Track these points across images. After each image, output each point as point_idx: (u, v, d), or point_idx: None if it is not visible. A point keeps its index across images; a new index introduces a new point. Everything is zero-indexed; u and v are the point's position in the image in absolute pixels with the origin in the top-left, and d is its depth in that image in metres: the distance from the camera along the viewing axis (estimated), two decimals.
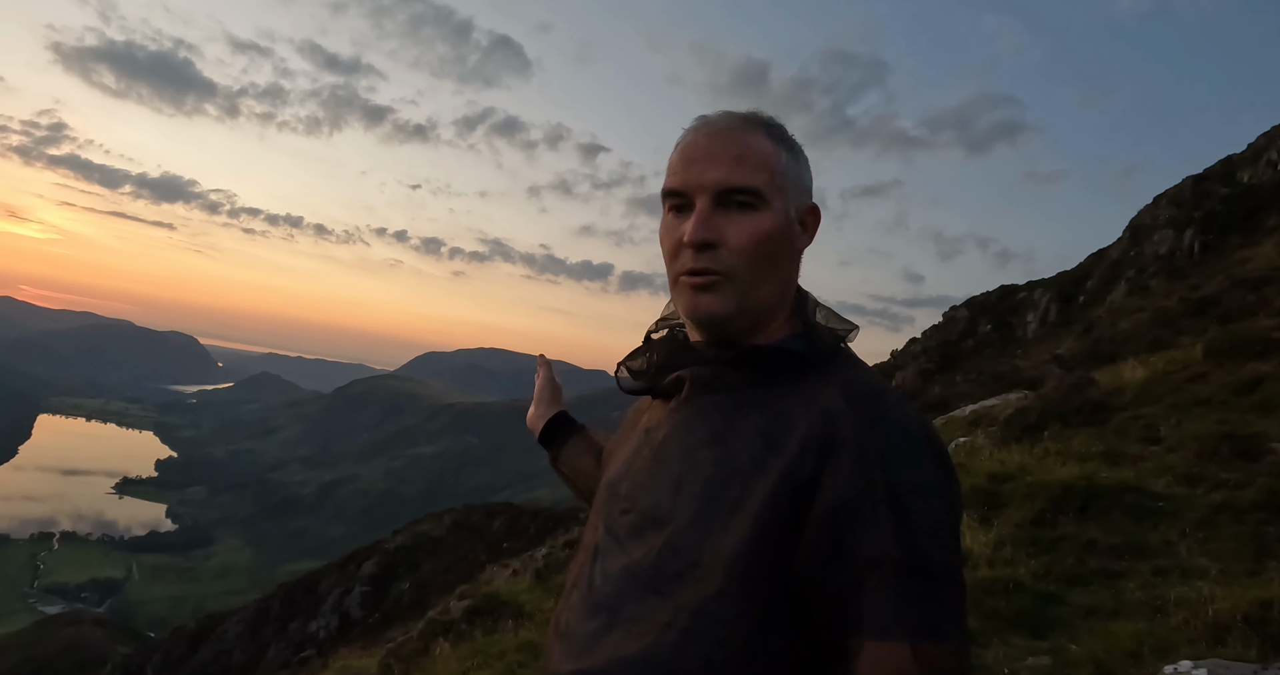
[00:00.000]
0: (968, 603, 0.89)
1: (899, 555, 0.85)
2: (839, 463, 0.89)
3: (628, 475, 1.08)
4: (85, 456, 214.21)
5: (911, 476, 0.88)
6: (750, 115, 1.06)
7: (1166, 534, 4.74)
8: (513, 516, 36.61)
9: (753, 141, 1.03)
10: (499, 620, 6.68)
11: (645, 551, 0.97)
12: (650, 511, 1.00)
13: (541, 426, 1.55)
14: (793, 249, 1.05)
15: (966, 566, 4.86)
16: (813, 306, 1.08)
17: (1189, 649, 3.36)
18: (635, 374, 1.16)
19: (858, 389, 0.96)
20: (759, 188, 1.01)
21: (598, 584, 1.02)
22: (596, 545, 1.06)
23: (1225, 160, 26.58)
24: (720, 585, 0.90)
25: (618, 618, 0.96)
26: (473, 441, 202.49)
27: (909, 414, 0.94)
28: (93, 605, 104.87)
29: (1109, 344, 13.05)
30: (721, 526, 0.92)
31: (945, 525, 0.88)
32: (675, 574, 0.93)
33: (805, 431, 0.92)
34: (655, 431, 1.08)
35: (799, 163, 1.07)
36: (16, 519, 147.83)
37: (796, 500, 0.89)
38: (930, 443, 0.93)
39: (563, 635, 1.04)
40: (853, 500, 0.87)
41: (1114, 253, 26.80)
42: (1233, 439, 5.71)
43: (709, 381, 1.04)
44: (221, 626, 36.34)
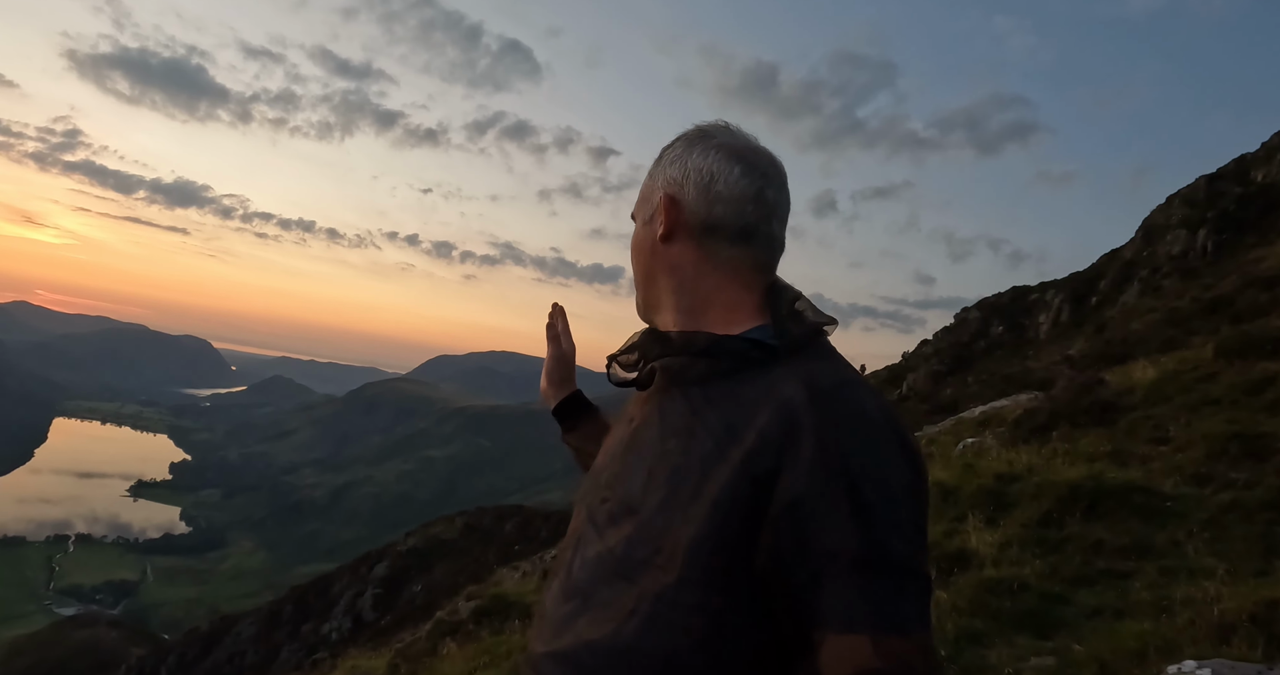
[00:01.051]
0: (931, 596, 0.89)
1: (858, 548, 0.85)
2: (798, 454, 0.89)
3: (608, 464, 1.11)
4: (100, 459, 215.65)
5: (872, 467, 0.88)
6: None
7: (1174, 534, 4.71)
8: (524, 519, 36.67)
9: (651, 173, 1.16)
10: (506, 620, 6.70)
11: (618, 539, 0.99)
12: (625, 500, 1.02)
13: (555, 404, 1.57)
14: (652, 247, 1.12)
15: (972, 567, 4.85)
16: (791, 299, 1.08)
17: (1194, 649, 3.34)
18: (625, 367, 1.18)
19: (819, 379, 0.95)
20: (634, 214, 1.18)
21: (575, 570, 1.04)
22: (578, 532, 1.09)
23: (1239, 159, 26.36)
24: (681, 573, 0.91)
25: (589, 603, 0.99)
26: (484, 444, 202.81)
27: (872, 403, 0.94)
28: (108, 607, 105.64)
29: (1120, 344, 12.97)
30: (683, 515, 0.93)
31: (907, 517, 0.88)
32: (641, 561, 0.95)
33: (764, 422, 0.93)
34: (634, 422, 1.11)
35: (665, 161, 1.13)
36: (33, 521, 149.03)
37: (756, 491, 0.90)
38: (893, 432, 0.92)
39: (541, 618, 1.07)
40: (812, 493, 0.87)
41: (1127, 253, 26.62)
42: (1242, 438, 5.67)
43: (679, 372, 1.05)
44: (235, 628, 36.50)
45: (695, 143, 1.10)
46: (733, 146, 1.09)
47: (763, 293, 1.09)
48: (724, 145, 1.09)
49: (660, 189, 1.11)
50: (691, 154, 1.09)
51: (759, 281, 1.09)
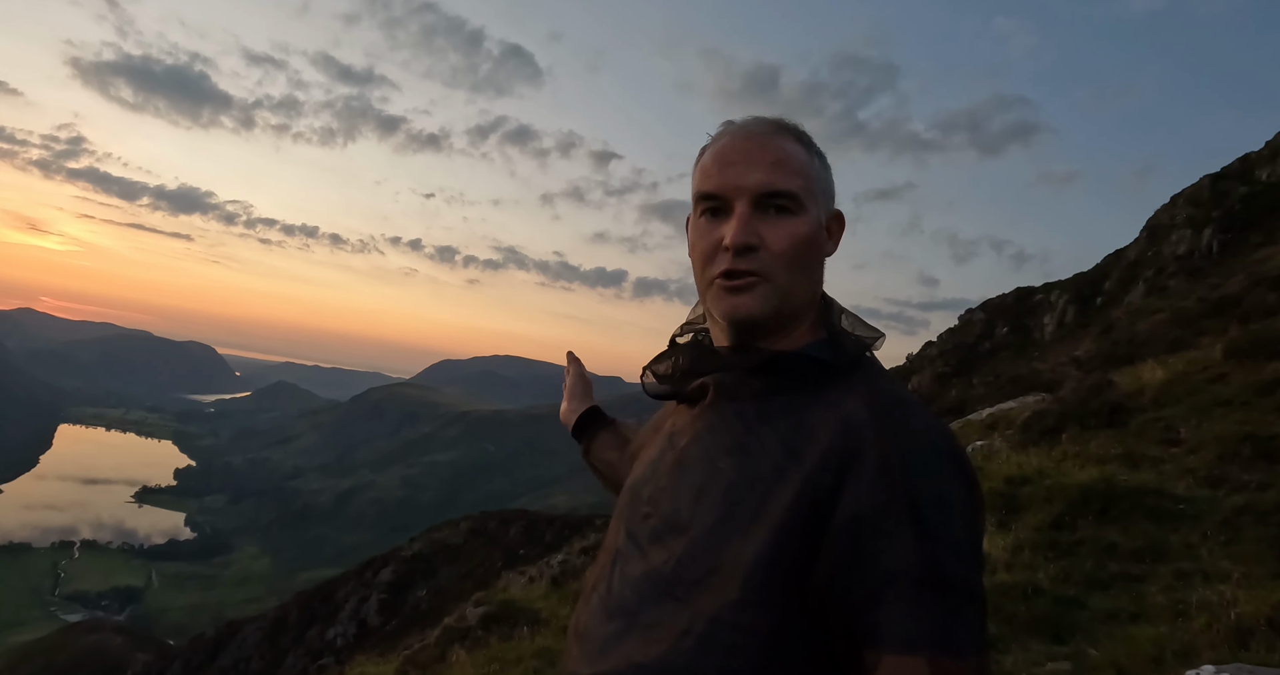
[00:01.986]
0: (987, 618, 0.88)
1: (919, 569, 0.84)
2: (860, 474, 0.88)
3: (650, 480, 1.08)
4: (105, 465, 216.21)
5: (933, 489, 0.87)
6: (780, 121, 1.07)
7: (1188, 537, 4.68)
8: (529, 523, 36.66)
9: (788, 147, 1.03)
10: (515, 627, 6.67)
11: (665, 557, 0.97)
12: (671, 517, 1.00)
13: (574, 420, 1.57)
14: (822, 254, 1.06)
15: (985, 571, 4.83)
16: (838, 313, 1.07)
17: (1211, 653, 3.32)
18: (660, 378, 1.15)
19: (881, 399, 0.95)
20: (797, 193, 1.01)
21: (617, 588, 1.02)
22: (617, 549, 1.06)
23: (1243, 158, 26.27)
24: (738, 594, 0.89)
25: (636, 622, 0.96)
26: (489, 449, 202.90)
27: (932, 425, 0.93)
28: (113, 613, 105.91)
29: (1127, 345, 12.92)
30: (741, 535, 0.91)
31: (967, 539, 0.87)
32: (694, 581, 0.93)
33: (827, 441, 0.92)
34: (679, 437, 1.08)
35: (826, 170, 1.08)
36: (38, 528, 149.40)
37: (817, 511, 0.89)
38: (953, 454, 0.92)
39: (581, 637, 1.04)
40: (873, 512, 0.86)
41: (1131, 253, 26.55)
42: (1254, 440, 5.63)
43: (733, 388, 1.03)
44: (240, 634, 36.52)
45: (826, 161, 1.09)
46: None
47: (819, 308, 1.08)
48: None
49: (830, 200, 1.08)
50: (829, 172, 1.09)
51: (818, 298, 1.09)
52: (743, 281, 1.00)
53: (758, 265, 0.99)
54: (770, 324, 1.02)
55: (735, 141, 1.04)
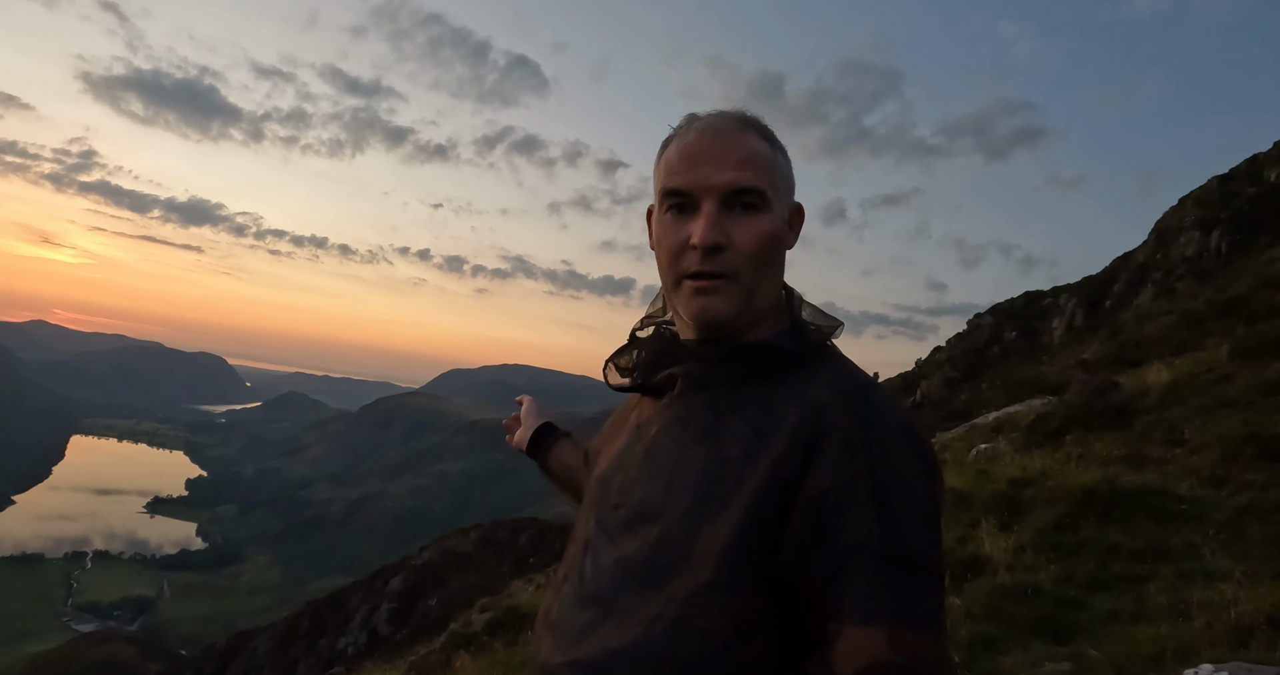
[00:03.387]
0: (944, 594, 0.90)
1: (880, 543, 0.86)
2: (826, 452, 0.91)
3: (620, 471, 1.09)
4: (117, 476, 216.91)
5: (896, 468, 0.90)
6: (744, 116, 1.07)
7: (1190, 537, 4.67)
8: (538, 532, 36.56)
9: (754, 144, 1.04)
10: (520, 632, 6.68)
11: (637, 545, 0.99)
12: (642, 506, 1.02)
13: (529, 436, 1.60)
14: (785, 249, 1.08)
15: (986, 573, 4.81)
16: (799, 304, 1.09)
17: (1211, 652, 3.31)
18: (623, 371, 1.17)
19: (846, 383, 0.98)
20: (764, 190, 1.02)
21: (589, 577, 1.04)
22: (588, 539, 1.08)
23: (1251, 159, 26.16)
24: (709, 576, 0.92)
25: (610, 610, 0.98)
26: (499, 457, 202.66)
27: (895, 408, 0.97)
28: (125, 623, 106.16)
29: (1135, 348, 12.87)
30: (712, 519, 0.94)
31: (927, 516, 0.90)
32: (666, 566, 0.95)
33: (793, 424, 0.95)
34: (646, 428, 1.10)
35: (788, 164, 1.09)
36: (51, 538, 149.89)
37: (785, 491, 0.91)
38: (914, 436, 0.95)
39: (554, 627, 1.05)
40: (837, 488, 0.89)
41: (1140, 256, 26.44)
42: (1258, 440, 5.62)
43: (701, 379, 1.05)
44: (251, 644, 36.55)
45: (786, 154, 1.10)
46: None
47: (780, 299, 1.10)
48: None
49: (791, 193, 1.09)
50: (790, 165, 1.10)
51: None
52: (711, 283, 1.00)
53: (726, 266, 1.00)
54: (738, 323, 1.03)
55: (702, 139, 1.03)
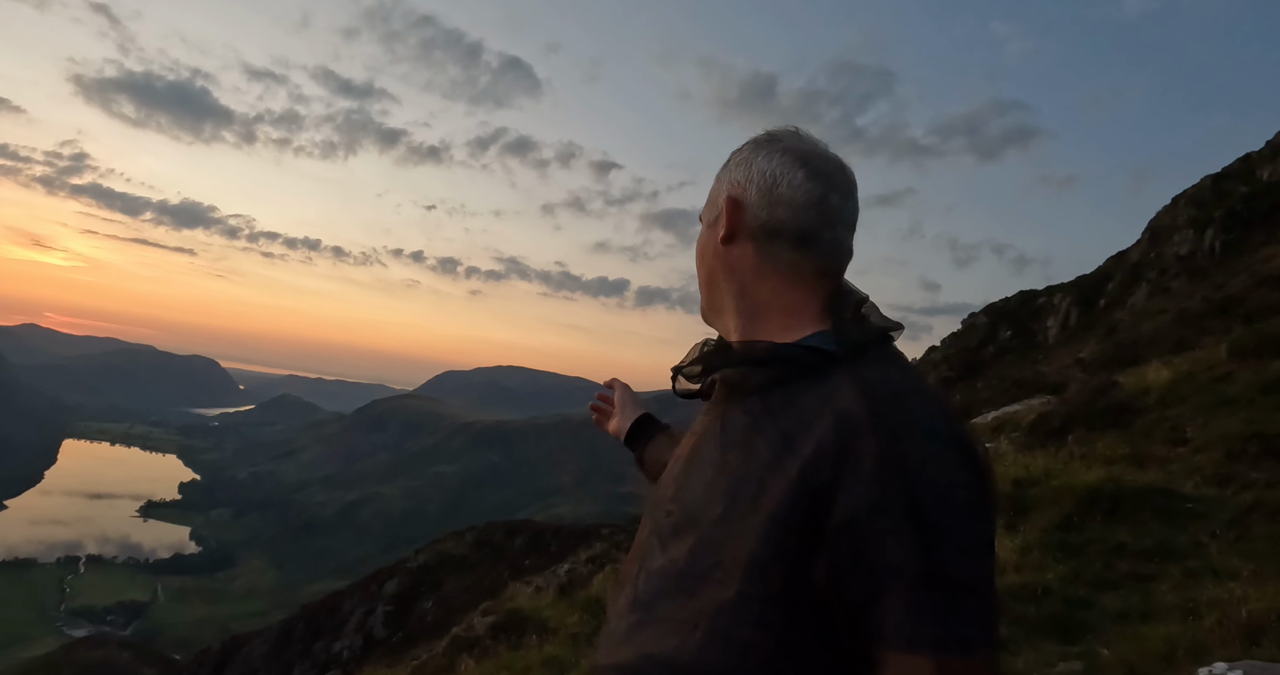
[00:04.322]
0: (997, 613, 0.87)
1: (921, 565, 0.83)
2: (857, 467, 0.87)
3: (673, 477, 1.10)
4: (110, 480, 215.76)
5: (934, 481, 0.85)
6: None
7: (1197, 535, 4.67)
8: (534, 534, 36.55)
9: (720, 178, 1.15)
10: (523, 636, 6.64)
11: (681, 552, 0.98)
12: (687, 512, 1.01)
13: (627, 427, 1.60)
14: (716, 252, 1.11)
15: (994, 565, 4.81)
16: (855, 303, 1.06)
17: (1223, 651, 3.31)
18: (690, 379, 1.17)
19: (878, 389, 0.92)
20: (701, 216, 1.17)
21: (640, 583, 1.04)
22: (644, 544, 1.08)
23: (1244, 158, 26.27)
24: (741, 586, 0.90)
25: (651, 615, 0.98)
26: (493, 459, 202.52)
27: (934, 413, 0.91)
28: (119, 628, 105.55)
29: (1132, 346, 12.90)
30: (742, 528, 0.92)
31: (972, 532, 0.86)
32: (702, 574, 0.94)
33: (820, 433, 0.90)
34: (696, 434, 1.11)
35: (733, 163, 1.13)
36: (44, 543, 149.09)
37: (814, 504, 0.88)
38: (957, 443, 0.89)
39: (607, 630, 1.08)
40: (871, 507, 0.85)
41: (1134, 255, 26.53)
42: (1261, 438, 5.63)
43: (738, 382, 1.04)
44: (246, 647, 36.46)
45: (762, 146, 1.10)
46: (798, 151, 1.07)
47: (826, 298, 1.06)
48: (790, 149, 1.07)
49: (725, 191, 1.10)
50: (757, 157, 1.09)
51: (822, 287, 1.06)
52: None
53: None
54: (712, 324, 1.15)
55: None
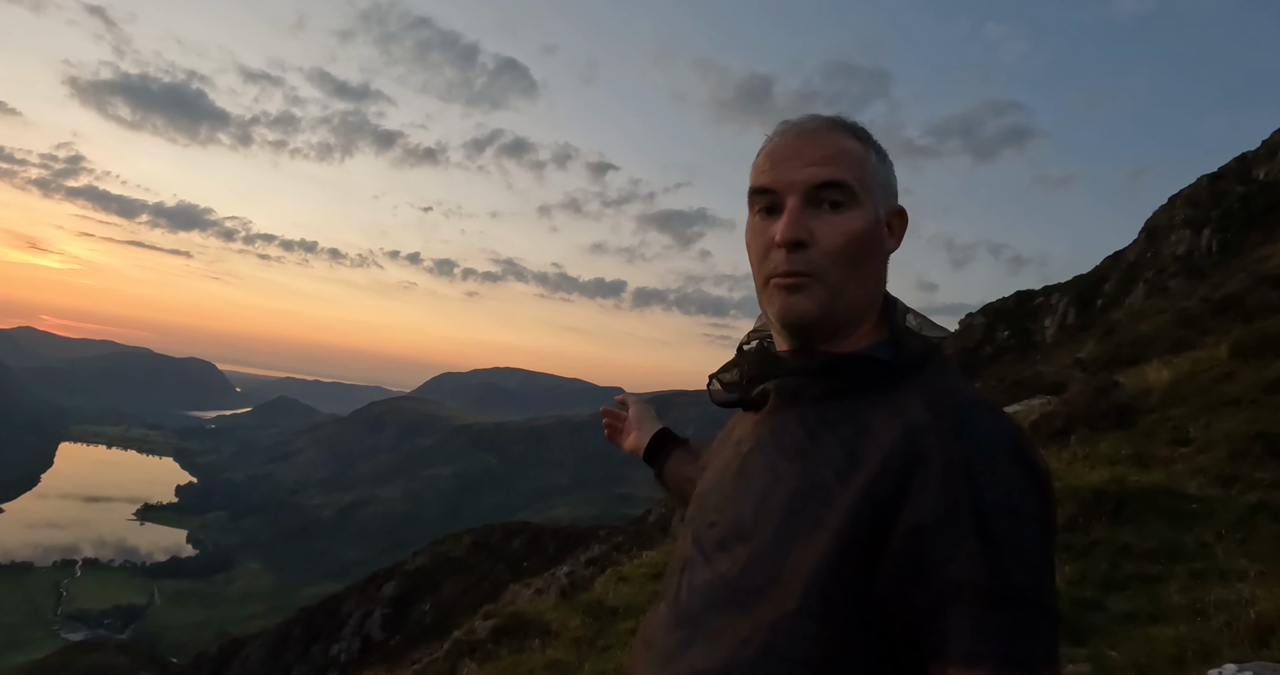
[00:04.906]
0: (1059, 631, 0.85)
1: (985, 579, 0.81)
2: (924, 480, 0.86)
3: (716, 488, 1.07)
4: (107, 483, 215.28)
5: (1000, 495, 0.84)
6: (835, 118, 1.05)
7: (1202, 536, 4.66)
8: (532, 536, 36.59)
9: (842, 141, 1.02)
10: (525, 639, 6.61)
11: (729, 565, 0.96)
12: (735, 525, 0.99)
13: (646, 443, 1.56)
14: (881, 252, 1.04)
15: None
16: (902, 313, 1.05)
17: (1232, 652, 3.29)
18: (727, 386, 1.14)
19: (945, 401, 0.92)
20: (850, 184, 0.99)
21: (684, 596, 1.01)
22: (686, 557, 1.05)
23: (1240, 158, 26.34)
24: (800, 602, 0.88)
25: (699, 631, 0.95)
26: (491, 461, 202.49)
27: (1000, 427, 0.90)
28: (116, 632, 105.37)
29: (1131, 346, 12.90)
30: (803, 542, 0.90)
31: (1036, 548, 0.84)
32: (756, 589, 0.92)
33: (888, 446, 0.89)
34: (743, 444, 1.07)
35: (886, 165, 1.06)
36: (40, 547, 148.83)
37: (879, 518, 0.87)
38: (1023, 459, 0.88)
39: (649, 645, 1.03)
40: (937, 520, 0.84)
41: (1130, 255, 26.58)
42: (1265, 438, 5.62)
43: (794, 393, 1.01)
44: (244, 651, 36.46)
45: (883, 154, 1.07)
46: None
47: (881, 307, 1.05)
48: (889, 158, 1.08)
49: (892, 194, 1.06)
50: (885, 164, 1.06)
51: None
52: (794, 281, 0.98)
53: (810, 264, 0.98)
54: (825, 324, 1.00)
55: (787, 139, 1.03)
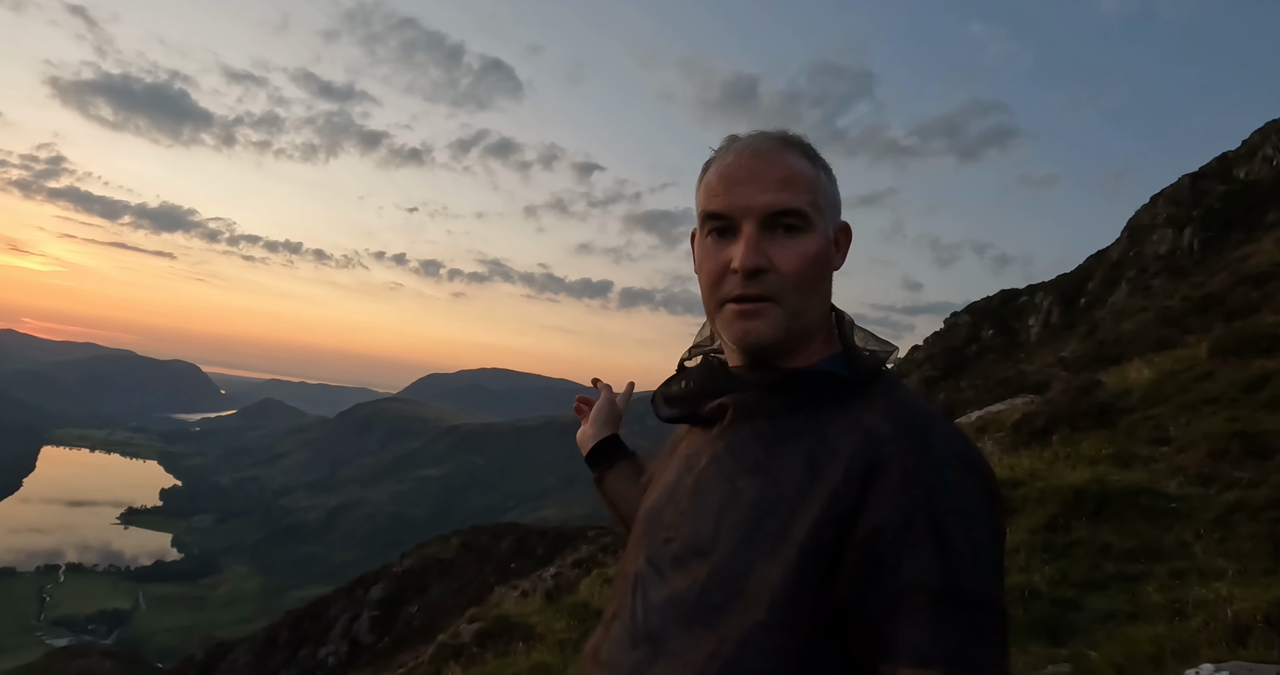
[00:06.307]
0: (1008, 633, 0.86)
1: (938, 581, 0.83)
2: (882, 487, 0.87)
3: (670, 504, 1.06)
4: (90, 487, 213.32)
5: (956, 502, 0.86)
6: (785, 135, 1.05)
7: (1182, 535, 4.70)
8: (520, 537, 36.46)
9: (794, 163, 1.02)
10: (510, 642, 6.60)
11: (689, 582, 0.96)
12: (692, 541, 0.98)
13: (591, 446, 1.53)
14: (830, 269, 1.05)
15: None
16: (850, 327, 1.06)
17: (1210, 651, 3.32)
18: (671, 401, 1.14)
19: (902, 412, 0.94)
20: (805, 211, 1.00)
21: (640, 615, 1.00)
22: (637, 574, 1.05)
23: (1221, 158, 26.59)
24: (764, 616, 0.88)
25: (661, 649, 0.95)
26: (478, 462, 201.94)
27: (955, 438, 0.93)
28: (101, 637, 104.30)
29: (1113, 345, 12.99)
30: (766, 556, 0.90)
31: (988, 553, 0.86)
32: (719, 605, 0.92)
33: (848, 456, 0.91)
34: (696, 459, 1.06)
35: (832, 182, 1.06)
36: (23, 552, 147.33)
37: (840, 527, 0.88)
38: (976, 469, 0.91)
39: (603, 666, 1.02)
40: (894, 523, 0.86)
41: (1113, 253, 26.76)
42: (1244, 437, 5.67)
43: (750, 408, 1.02)
44: (230, 655, 36.18)
45: (832, 173, 1.07)
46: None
47: (830, 322, 1.06)
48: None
49: (834, 209, 1.06)
50: (832, 181, 1.07)
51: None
52: (753, 306, 0.99)
53: (767, 288, 0.98)
54: (783, 345, 1.01)
55: (741, 159, 1.01)
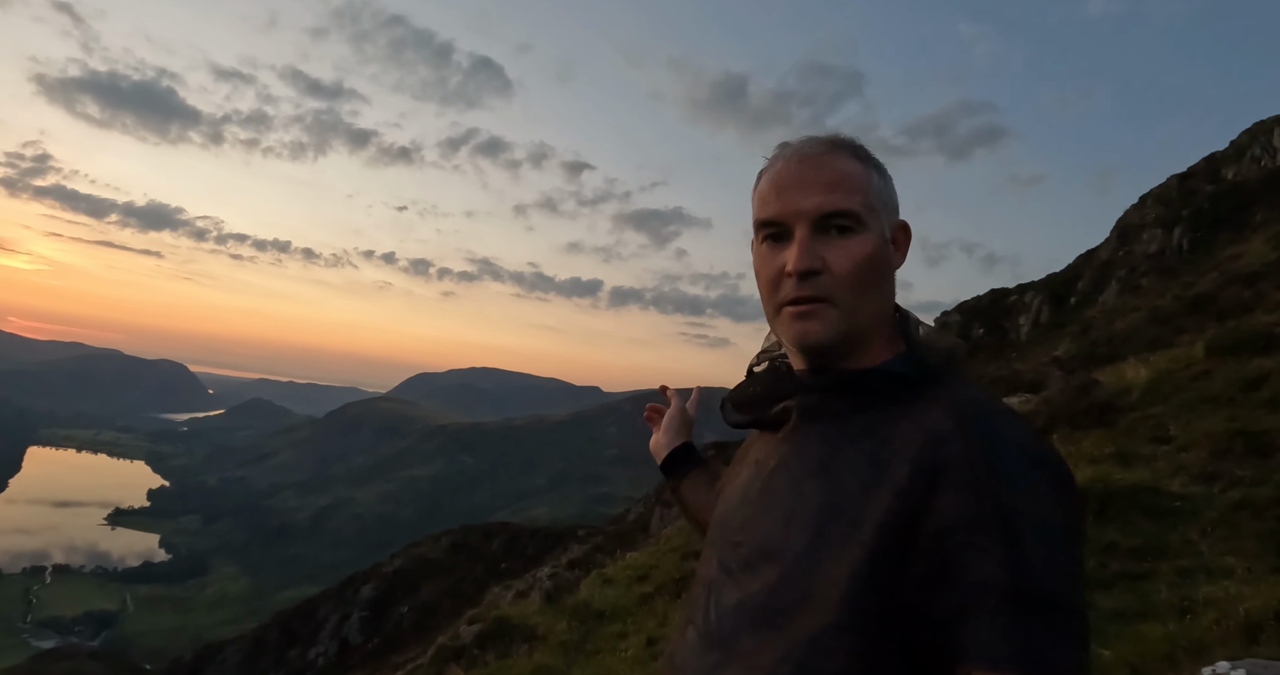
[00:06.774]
0: (1088, 633, 0.84)
1: (1009, 581, 0.81)
2: (948, 486, 0.86)
3: (740, 509, 1.07)
4: (77, 488, 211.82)
5: (1025, 499, 0.85)
6: (835, 138, 1.06)
7: (1187, 533, 4.71)
8: (511, 536, 36.46)
9: (843, 165, 1.03)
10: (511, 644, 6.58)
11: (759, 585, 0.96)
12: (762, 545, 0.99)
13: (665, 454, 1.56)
14: (889, 269, 1.04)
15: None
16: (915, 325, 1.06)
17: (1223, 649, 3.32)
18: (740, 407, 1.15)
19: (967, 409, 0.93)
20: (857, 211, 1.01)
21: (713, 619, 1.01)
22: (710, 579, 1.05)
23: (1209, 158, 26.81)
24: (834, 618, 0.88)
25: (733, 653, 0.95)
26: (468, 462, 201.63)
27: (1022, 433, 0.91)
28: (87, 639, 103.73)
29: (1107, 345, 13.06)
30: (834, 558, 0.90)
31: (1062, 551, 0.84)
32: (789, 607, 0.91)
33: (914, 456, 0.90)
34: (764, 464, 1.07)
35: (887, 182, 1.07)
36: (8, 553, 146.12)
37: (907, 527, 0.87)
38: (1046, 463, 0.89)
39: (678, 670, 1.03)
40: (961, 524, 0.84)
41: (1103, 253, 26.94)
42: (1245, 435, 5.69)
43: (815, 410, 1.02)
44: (219, 656, 36.03)
45: (886, 173, 1.08)
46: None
47: (894, 321, 1.06)
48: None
49: (894, 210, 1.07)
50: (888, 182, 1.07)
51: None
52: (809, 308, 1.00)
53: (822, 290, 0.99)
54: (842, 346, 1.02)
55: (790, 165, 1.04)
